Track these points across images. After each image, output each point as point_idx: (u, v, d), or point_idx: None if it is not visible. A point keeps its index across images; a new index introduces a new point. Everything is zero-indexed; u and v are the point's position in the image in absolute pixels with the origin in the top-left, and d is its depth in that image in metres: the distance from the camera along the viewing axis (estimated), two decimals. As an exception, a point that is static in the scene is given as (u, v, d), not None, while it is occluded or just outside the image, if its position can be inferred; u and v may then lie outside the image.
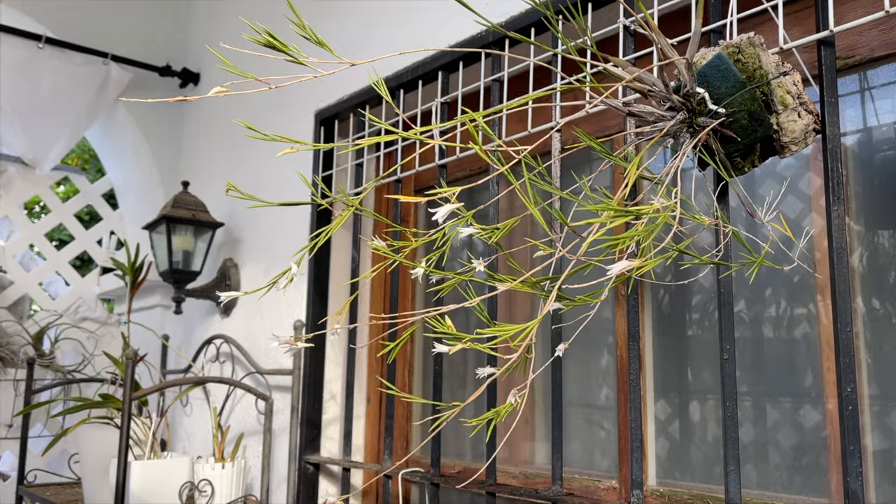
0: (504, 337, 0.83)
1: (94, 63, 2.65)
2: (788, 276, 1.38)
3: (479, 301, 0.86)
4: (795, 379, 1.35)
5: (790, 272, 1.35)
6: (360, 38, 2.10)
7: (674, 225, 1.02)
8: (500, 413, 0.96)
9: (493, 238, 1.00)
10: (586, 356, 1.70)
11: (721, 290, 1.15)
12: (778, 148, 1.09)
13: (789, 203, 1.38)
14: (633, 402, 1.27)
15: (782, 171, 1.41)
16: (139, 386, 1.80)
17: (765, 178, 1.43)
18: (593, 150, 1.08)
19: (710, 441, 1.45)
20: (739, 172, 1.12)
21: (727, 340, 1.14)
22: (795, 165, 1.39)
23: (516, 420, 1.31)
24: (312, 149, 0.80)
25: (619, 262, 0.73)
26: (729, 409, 1.13)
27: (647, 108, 1.09)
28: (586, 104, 1.41)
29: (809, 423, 1.32)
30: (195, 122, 2.92)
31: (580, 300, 0.98)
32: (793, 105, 1.08)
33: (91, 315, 3.00)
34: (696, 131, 1.07)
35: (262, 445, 1.83)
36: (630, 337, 1.28)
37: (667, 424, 1.53)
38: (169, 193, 2.81)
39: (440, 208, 0.75)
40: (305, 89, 2.26)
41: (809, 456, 1.31)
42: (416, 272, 0.98)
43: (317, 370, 2.04)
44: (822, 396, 1.30)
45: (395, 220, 1.82)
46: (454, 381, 2.00)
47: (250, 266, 2.40)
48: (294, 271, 0.88)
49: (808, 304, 1.34)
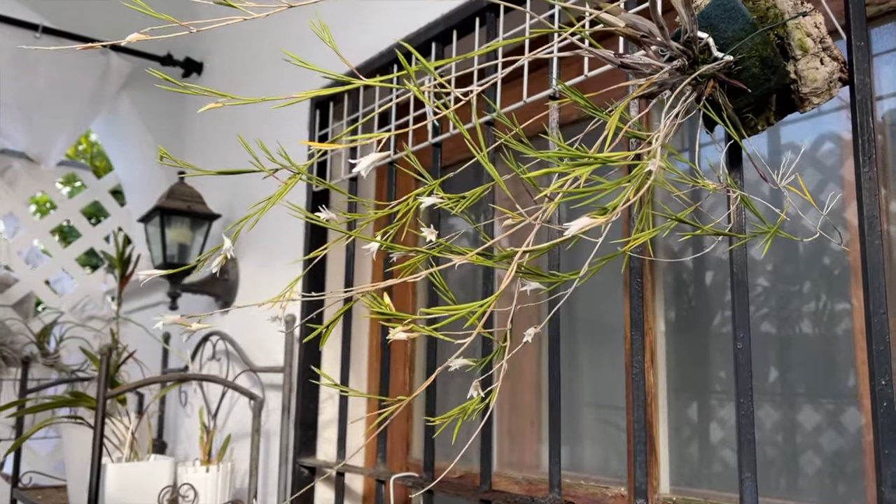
0: (457, 316, 0.70)
1: (93, 53, 2.58)
2: (821, 258, 1.21)
3: (436, 271, 0.73)
4: (827, 373, 1.18)
5: (824, 254, 1.19)
6: (355, 19, 1.99)
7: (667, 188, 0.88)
8: (466, 410, 0.83)
9: (458, 207, 0.87)
10: (602, 351, 1.55)
11: (734, 269, 1.00)
12: (797, 101, 0.94)
13: (816, 175, 1.22)
14: (636, 398, 1.12)
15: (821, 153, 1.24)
16: (116, 383, 1.70)
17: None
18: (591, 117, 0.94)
19: (731, 444, 1.30)
20: (752, 132, 0.96)
21: (741, 326, 0.98)
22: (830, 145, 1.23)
23: (487, 416, 1.17)
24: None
25: (579, 220, 0.59)
26: (744, 407, 0.98)
27: (643, 59, 0.94)
28: (584, 60, 1.27)
29: (841, 424, 1.16)
30: (197, 114, 2.84)
31: (558, 278, 0.84)
32: (814, 50, 0.92)
33: (98, 313, 2.93)
34: (699, 83, 0.92)
35: (251, 447, 1.71)
36: (633, 325, 1.13)
37: (682, 425, 1.37)
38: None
39: (362, 159, 0.62)
40: (303, 74, 2.15)
41: (842, 461, 1.14)
42: (369, 247, 0.86)
43: (312, 367, 1.92)
44: (857, 393, 1.13)
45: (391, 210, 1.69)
46: (464, 377, 1.86)
47: (249, 259, 2.30)
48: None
49: (843, 289, 1.18)
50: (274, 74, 2.35)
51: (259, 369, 1.98)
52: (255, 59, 2.53)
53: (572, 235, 0.59)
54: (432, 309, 0.68)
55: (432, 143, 1.56)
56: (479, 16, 1.49)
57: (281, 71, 2.28)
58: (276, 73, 2.32)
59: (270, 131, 2.26)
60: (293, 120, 2.14)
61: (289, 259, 2.10)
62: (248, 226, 0.87)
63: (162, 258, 2.17)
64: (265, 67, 2.43)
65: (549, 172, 0.61)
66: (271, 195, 0.84)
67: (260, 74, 2.47)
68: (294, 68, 2.22)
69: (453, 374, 1.89)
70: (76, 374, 2.68)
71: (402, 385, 1.95)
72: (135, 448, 1.71)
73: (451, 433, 1.80)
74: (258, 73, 2.49)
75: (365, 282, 2.07)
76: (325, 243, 2.01)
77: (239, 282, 2.32)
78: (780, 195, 1.20)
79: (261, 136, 2.31)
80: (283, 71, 2.26)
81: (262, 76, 2.46)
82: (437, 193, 0.88)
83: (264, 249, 2.24)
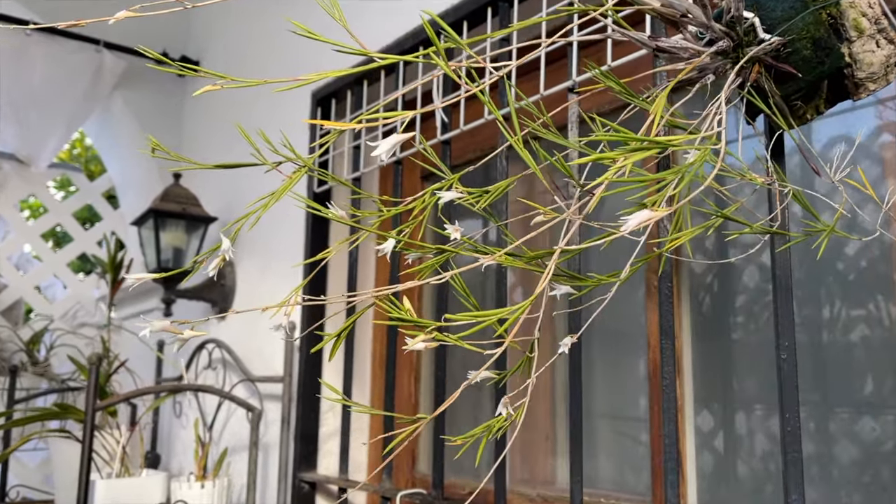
0: (485, 324, 0.61)
1: (86, 51, 2.49)
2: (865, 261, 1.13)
3: (457, 274, 0.64)
4: (869, 383, 1.10)
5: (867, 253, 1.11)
6: (354, 11, 1.91)
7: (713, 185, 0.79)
8: (492, 429, 0.74)
9: (481, 203, 0.78)
10: (619, 360, 1.47)
11: (777, 272, 0.91)
12: (850, 87, 0.85)
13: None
14: (667, 411, 1.03)
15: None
16: (106, 394, 1.61)
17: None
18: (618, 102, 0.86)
19: (759, 457, 1.21)
20: (800, 121, 0.88)
21: (785, 335, 0.90)
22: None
23: (515, 432, 1.08)
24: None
25: (639, 213, 0.50)
26: (790, 423, 0.89)
27: (681, 42, 0.86)
28: (607, 40, 1.19)
29: (885, 437, 1.07)
30: (194, 113, 2.76)
31: (594, 281, 0.75)
32: (869, 31, 0.84)
33: (90, 320, 2.84)
34: (744, 67, 0.84)
35: (248, 461, 1.62)
36: (663, 333, 1.04)
37: (710, 438, 1.29)
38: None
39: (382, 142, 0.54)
40: (303, 70, 2.07)
41: (886, 475, 1.06)
42: (383, 247, 0.77)
43: (313, 378, 1.83)
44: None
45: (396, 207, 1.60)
46: (470, 388, 1.77)
47: (247, 263, 2.21)
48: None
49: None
50: (272, 72, 2.27)
51: (257, 379, 1.89)
52: (251, 58, 2.45)
53: (629, 229, 0.50)
54: (458, 315, 0.59)
55: (441, 141, 1.48)
56: (491, 5, 1.41)
57: (279, 68, 2.20)
58: (275, 71, 2.24)
59: (270, 132, 2.17)
60: (294, 119, 2.05)
61: (288, 264, 2.01)
62: (250, 224, 0.79)
63: (156, 263, 2.09)
64: (263, 65, 2.35)
65: (600, 159, 0.52)
66: (273, 191, 0.76)
67: (258, 73, 2.39)
68: (293, 64, 2.14)
69: (459, 381, 1.80)
70: (67, 383, 2.58)
71: (408, 396, 1.86)
72: (126, 462, 1.62)
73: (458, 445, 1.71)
74: (256, 72, 2.40)
75: (368, 287, 1.98)
76: (326, 247, 1.92)
77: (236, 287, 2.23)
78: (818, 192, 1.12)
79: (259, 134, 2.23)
80: (281, 68, 2.18)
81: (259, 74, 2.38)
82: (457, 188, 0.79)
83: (262, 253, 2.15)
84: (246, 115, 2.35)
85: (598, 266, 1.49)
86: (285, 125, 2.09)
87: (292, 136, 2.01)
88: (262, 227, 2.14)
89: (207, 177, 2.49)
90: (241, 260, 2.23)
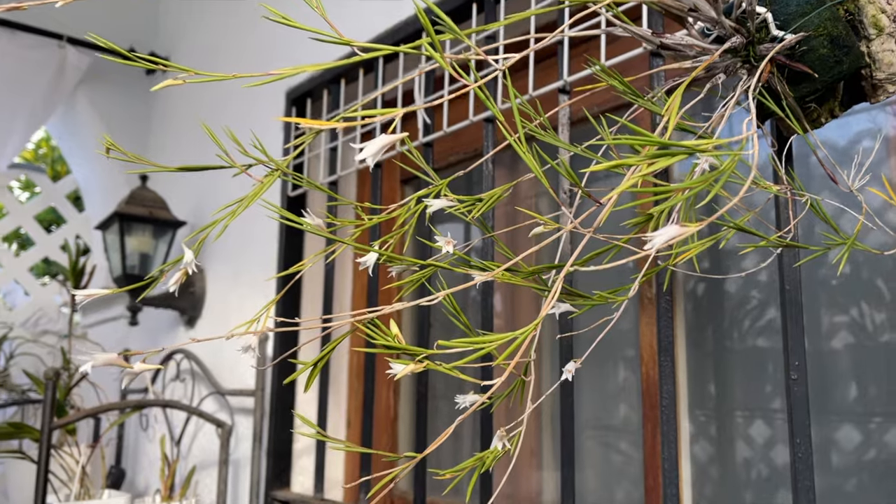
0: (483, 352, 0.54)
1: (48, 46, 2.38)
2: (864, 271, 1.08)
3: (449, 294, 0.57)
4: (877, 395, 1.04)
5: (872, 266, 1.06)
6: (331, 9, 1.83)
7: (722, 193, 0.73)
8: (484, 461, 0.67)
9: (473, 212, 0.71)
10: (607, 373, 1.40)
11: (787, 286, 0.85)
12: (868, 88, 0.79)
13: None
14: (666, 434, 0.96)
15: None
16: (64, 411, 1.51)
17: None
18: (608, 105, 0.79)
19: (755, 478, 1.15)
20: (815, 124, 0.82)
21: (796, 354, 0.84)
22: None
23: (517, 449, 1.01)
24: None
25: (668, 228, 0.44)
26: (800, 448, 0.83)
27: (686, 38, 0.80)
28: (600, 33, 1.13)
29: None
30: (164, 115, 2.65)
31: (598, 298, 0.69)
32: (889, 28, 0.78)
33: (52, 328, 2.72)
34: (755, 67, 0.78)
35: (218, 480, 1.53)
36: (662, 351, 0.98)
37: (707, 459, 1.22)
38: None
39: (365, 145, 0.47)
40: (276, 67, 1.98)
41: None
42: (365, 260, 0.70)
43: (287, 391, 1.75)
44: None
45: (374, 214, 1.53)
46: (451, 399, 1.70)
47: (217, 269, 2.12)
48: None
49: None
50: (243, 72, 2.18)
51: (228, 392, 1.80)
52: (223, 58, 2.36)
53: (655, 248, 0.43)
54: (453, 342, 0.52)
55: (423, 143, 1.41)
56: (476, 1, 1.34)
57: (251, 68, 2.11)
58: (246, 71, 2.15)
59: (242, 135, 2.08)
60: (268, 122, 1.97)
61: (261, 269, 1.92)
62: (216, 234, 0.70)
63: (121, 269, 1.98)
64: (234, 65, 2.26)
65: (619, 165, 0.45)
66: (242, 197, 0.68)
67: (227, 71, 2.30)
68: (265, 64, 2.05)
69: (441, 397, 1.73)
70: (27, 394, 2.47)
71: (386, 410, 1.78)
72: (86, 483, 1.52)
73: (440, 457, 1.63)
74: (227, 72, 2.31)
75: (345, 299, 1.90)
76: (301, 254, 1.84)
77: (206, 295, 2.13)
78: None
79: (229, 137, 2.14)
80: (253, 68, 2.09)
81: (230, 72, 2.29)
82: (446, 195, 0.72)
83: (234, 259, 2.06)
84: (217, 117, 2.26)
85: (584, 279, 1.42)
86: (259, 128, 2.01)
87: (266, 139, 1.92)
88: (235, 231, 2.05)
89: (177, 179, 2.40)
90: (212, 265, 2.14)
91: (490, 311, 1.21)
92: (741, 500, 1.17)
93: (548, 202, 1.54)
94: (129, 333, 2.55)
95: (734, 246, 1.24)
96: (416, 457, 0.57)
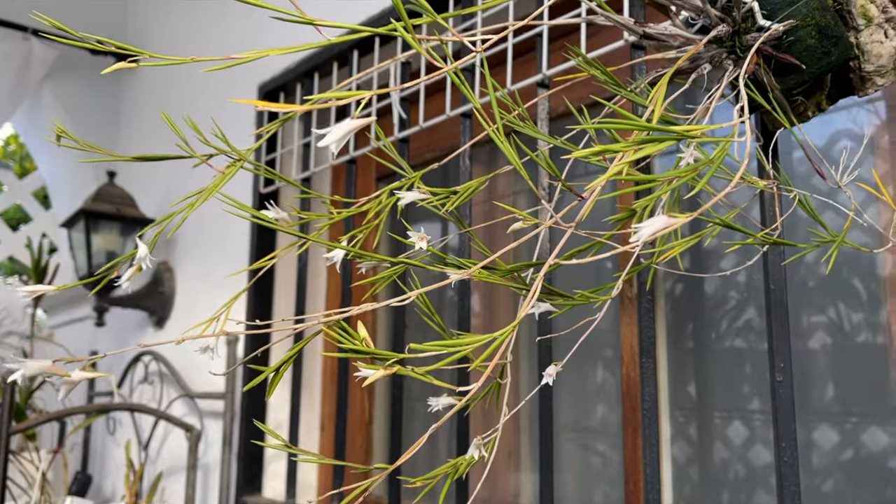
0: (459, 355, 0.50)
1: (12, 38, 2.31)
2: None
3: (423, 293, 0.53)
4: (864, 396, 1.02)
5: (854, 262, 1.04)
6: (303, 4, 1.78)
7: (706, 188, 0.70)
8: (458, 468, 0.63)
9: (448, 205, 0.67)
10: (585, 373, 1.37)
11: (771, 285, 0.83)
12: (856, 81, 0.77)
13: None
14: (647, 438, 0.94)
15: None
16: (24, 415, 1.45)
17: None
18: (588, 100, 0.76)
19: (736, 482, 1.13)
20: (801, 118, 0.80)
21: (781, 355, 0.81)
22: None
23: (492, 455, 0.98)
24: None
25: (655, 220, 0.40)
26: (786, 453, 0.80)
27: (670, 28, 0.77)
28: (581, 22, 1.10)
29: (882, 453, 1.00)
30: (131, 109, 2.59)
31: (580, 297, 0.65)
32: (878, 20, 0.76)
33: (18, 329, 2.64)
34: (741, 58, 0.75)
35: (186, 485, 1.48)
36: (643, 353, 0.95)
37: (687, 463, 1.20)
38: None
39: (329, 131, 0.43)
40: (248, 67, 1.93)
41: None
42: (332, 255, 0.66)
43: (258, 393, 1.70)
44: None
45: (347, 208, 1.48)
46: (424, 400, 1.66)
47: (188, 269, 2.06)
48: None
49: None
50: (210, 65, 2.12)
51: (197, 395, 1.75)
52: (189, 52, 2.30)
53: (641, 240, 0.40)
54: (426, 345, 0.49)
55: (399, 139, 1.37)
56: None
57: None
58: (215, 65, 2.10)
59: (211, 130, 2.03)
60: (238, 117, 1.92)
61: (233, 268, 1.87)
62: (174, 227, 0.66)
63: (87, 268, 1.92)
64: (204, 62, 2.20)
65: (604, 151, 0.42)
66: (202, 188, 0.64)
67: (198, 69, 2.24)
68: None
69: (416, 399, 1.69)
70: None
71: (361, 412, 1.74)
72: (46, 490, 1.46)
73: (415, 459, 1.59)
74: (196, 68, 2.26)
75: (319, 297, 1.85)
76: (274, 251, 1.79)
77: (175, 295, 2.08)
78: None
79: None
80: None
81: (199, 67, 2.23)
82: (419, 188, 0.69)
83: (204, 258, 2.00)
84: (185, 111, 2.20)
85: (561, 281, 1.39)
86: (230, 123, 1.95)
87: (238, 134, 1.87)
88: (205, 229, 2.00)
89: (146, 176, 2.33)
90: (181, 265, 2.08)
91: (467, 311, 1.18)
92: (720, 500, 1.15)
93: (526, 200, 1.51)
94: (97, 334, 2.48)
95: (714, 245, 1.22)
96: (388, 468, 0.54)
